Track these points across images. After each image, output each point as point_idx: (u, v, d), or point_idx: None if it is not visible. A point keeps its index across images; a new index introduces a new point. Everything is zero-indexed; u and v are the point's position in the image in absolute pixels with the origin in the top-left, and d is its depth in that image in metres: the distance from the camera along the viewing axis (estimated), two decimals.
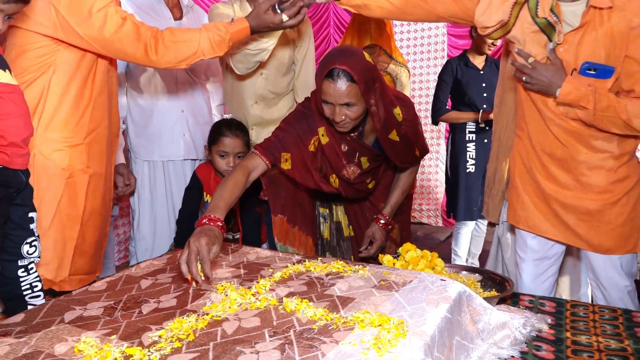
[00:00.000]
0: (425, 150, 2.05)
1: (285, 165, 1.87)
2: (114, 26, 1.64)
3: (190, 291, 1.34)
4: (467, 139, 3.26)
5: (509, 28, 1.72)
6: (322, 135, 1.90)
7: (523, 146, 1.84)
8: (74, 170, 1.75)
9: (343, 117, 1.74)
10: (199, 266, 1.34)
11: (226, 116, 2.25)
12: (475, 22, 1.79)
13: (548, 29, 1.62)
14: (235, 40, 1.83)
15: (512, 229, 2.26)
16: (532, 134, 1.78)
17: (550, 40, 1.64)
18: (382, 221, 2.06)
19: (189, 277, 1.34)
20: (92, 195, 1.82)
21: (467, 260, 3.59)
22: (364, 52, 1.78)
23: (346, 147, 1.92)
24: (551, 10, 1.61)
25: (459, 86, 3.27)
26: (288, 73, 2.40)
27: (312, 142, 1.90)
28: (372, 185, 2.08)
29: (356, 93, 1.70)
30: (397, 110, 1.88)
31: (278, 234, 2.02)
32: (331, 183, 1.98)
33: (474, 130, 3.27)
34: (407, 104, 1.93)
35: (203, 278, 1.33)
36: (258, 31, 1.84)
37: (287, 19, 1.80)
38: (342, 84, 1.68)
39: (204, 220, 1.48)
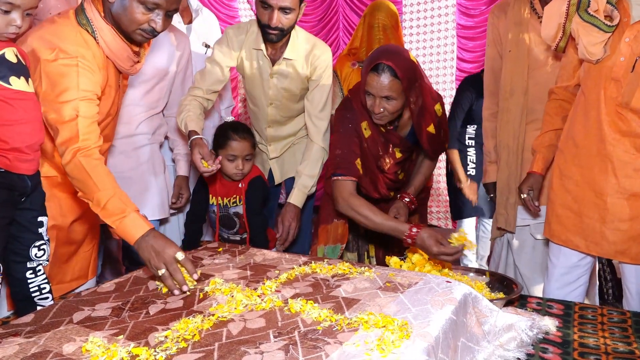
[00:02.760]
0: (448, 142, 2.18)
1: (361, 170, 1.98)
2: (65, 117, 1.55)
3: (197, 293, 1.35)
4: (467, 144, 3.27)
5: (568, 31, 1.74)
6: (365, 129, 1.98)
7: (564, 159, 1.82)
8: None
9: (382, 109, 1.85)
10: None
11: (228, 118, 2.25)
12: (545, 40, 1.86)
13: (594, 20, 1.62)
14: (118, 230, 1.49)
15: (515, 236, 2.25)
16: (578, 138, 1.75)
17: (602, 29, 1.62)
18: (406, 199, 2.11)
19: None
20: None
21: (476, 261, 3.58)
22: (409, 52, 1.88)
23: (382, 139, 2.01)
24: (608, 2, 1.60)
25: (470, 114, 3.23)
26: (301, 100, 2.33)
27: (362, 140, 1.99)
28: (402, 176, 2.13)
29: (397, 88, 1.81)
30: (438, 107, 2.00)
31: (332, 238, 2.07)
32: None
33: (473, 136, 3.27)
34: (442, 100, 2.05)
35: None
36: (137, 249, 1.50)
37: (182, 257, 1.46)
38: (385, 78, 1.79)
39: (409, 237, 1.74)
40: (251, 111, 2.42)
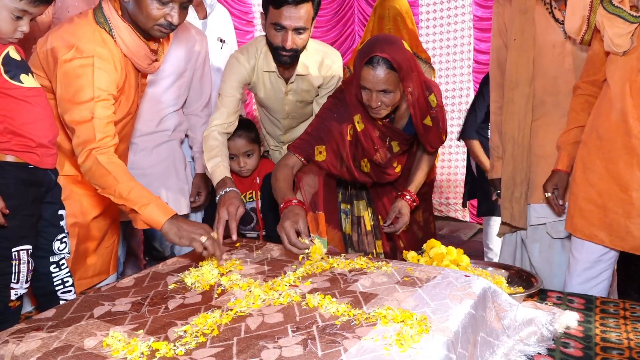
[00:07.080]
0: (446, 135, 2.09)
1: (320, 157, 1.95)
2: (80, 118, 1.55)
3: (215, 288, 1.36)
4: (488, 136, 3.22)
5: (593, 23, 1.69)
6: (358, 122, 1.95)
7: (587, 152, 1.78)
8: None
9: (379, 103, 1.79)
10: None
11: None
12: (569, 33, 1.83)
13: (619, 11, 1.57)
14: (141, 220, 1.52)
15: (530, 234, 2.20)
16: (602, 130, 1.71)
17: (627, 20, 1.57)
18: (407, 197, 2.05)
19: (298, 250, 1.57)
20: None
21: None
22: (403, 41, 1.82)
23: (378, 133, 1.97)
24: None
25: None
26: (312, 103, 2.31)
27: (347, 131, 1.95)
28: (398, 169, 2.10)
29: (394, 80, 1.76)
30: (432, 97, 1.93)
31: (321, 230, 2.05)
32: (362, 168, 2.03)
33: None
34: (437, 90, 1.98)
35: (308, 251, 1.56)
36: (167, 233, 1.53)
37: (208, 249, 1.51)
38: (381, 71, 1.73)
39: (282, 205, 1.72)
40: (265, 118, 2.39)
